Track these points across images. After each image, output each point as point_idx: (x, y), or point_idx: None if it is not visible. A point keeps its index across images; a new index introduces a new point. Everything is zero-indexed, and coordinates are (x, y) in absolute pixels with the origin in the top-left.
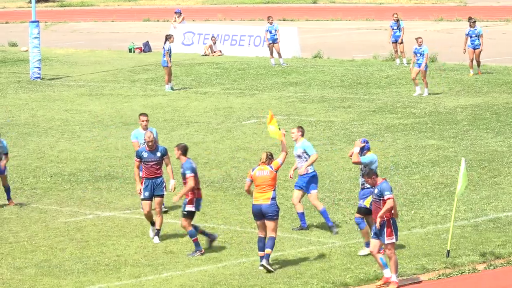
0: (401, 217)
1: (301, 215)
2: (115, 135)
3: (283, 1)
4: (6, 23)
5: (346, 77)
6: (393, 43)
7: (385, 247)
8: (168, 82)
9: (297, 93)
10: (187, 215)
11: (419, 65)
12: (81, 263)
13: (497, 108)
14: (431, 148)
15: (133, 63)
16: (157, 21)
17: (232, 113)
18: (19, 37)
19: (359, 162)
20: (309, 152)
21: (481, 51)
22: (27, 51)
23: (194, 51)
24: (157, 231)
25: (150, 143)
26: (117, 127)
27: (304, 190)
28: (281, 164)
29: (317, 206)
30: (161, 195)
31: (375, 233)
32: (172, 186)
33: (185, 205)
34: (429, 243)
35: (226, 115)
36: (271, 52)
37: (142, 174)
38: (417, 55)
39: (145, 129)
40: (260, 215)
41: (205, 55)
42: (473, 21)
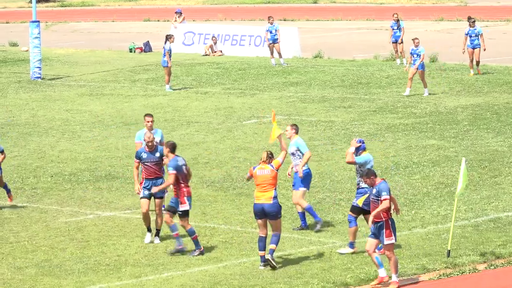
0: (401, 217)
1: (302, 214)
2: (115, 135)
3: (284, 1)
4: (6, 23)
5: (346, 77)
6: (393, 43)
7: (384, 248)
8: (168, 82)
9: (297, 93)
10: (183, 215)
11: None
12: (81, 263)
13: (498, 108)
14: (432, 148)
15: (133, 63)
16: (158, 21)
17: (232, 113)
18: (20, 37)
19: (353, 162)
20: (302, 150)
21: (485, 49)
22: (27, 51)
23: (194, 51)
24: (157, 231)
25: (149, 144)
26: (118, 127)
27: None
28: (282, 162)
29: (301, 204)
30: (160, 197)
31: (373, 233)
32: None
33: (175, 203)
34: (430, 243)
35: (226, 115)
36: (272, 52)
37: (142, 175)
38: (413, 55)
39: (150, 129)
40: (262, 214)
41: (206, 55)
42: (472, 20)
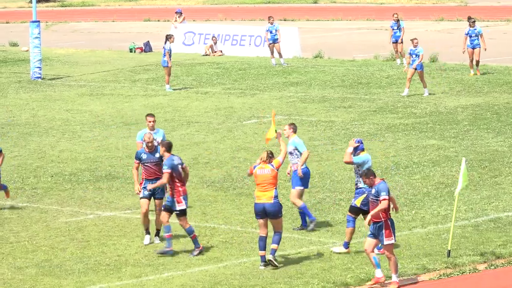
0: (402, 217)
1: (302, 214)
2: (116, 135)
3: (284, 1)
4: (6, 23)
5: (347, 77)
6: (393, 43)
7: (384, 248)
8: (168, 82)
9: (298, 93)
10: (181, 214)
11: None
12: (82, 263)
13: (498, 108)
14: (432, 148)
15: (133, 63)
16: (158, 21)
17: (233, 113)
18: (20, 37)
19: (350, 162)
20: (300, 149)
21: (485, 49)
22: (27, 51)
23: (194, 51)
24: (157, 231)
25: (149, 144)
26: (118, 127)
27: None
28: (282, 162)
29: (296, 203)
30: (160, 197)
31: (372, 233)
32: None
33: (171, 203)
34: (430, 243)
35: (227, 115)
36: (272, 52)
37: (142, 175)
38: (412, 56)
39: (151, 129)
40: (263, 214)
41: (206, 55)
42: (472, 21)
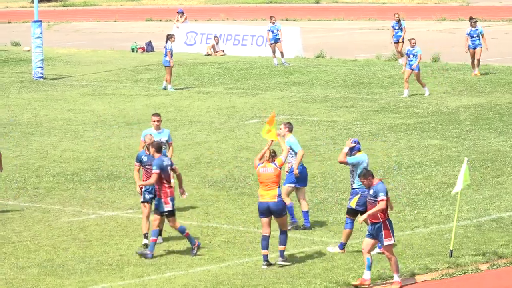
0: (404, 217)
1: (305, 214)
2: (118, 135)
3: (286, 1)
4: (8, 23)
5: (348, 77)
6: (395, 43)
7: (384, 249)
8: (170, 81)
9: (299, 92)
10: (169, 215)
11: (411, 66)
12: (84, 262)
13: (500, 108)
14: (434, 148)
15: (135, 63)
16: (160, 21)
17: (235, 113)
18: (22, 37)
19: (345, 162)
20: (295, 148)
21: (487, 49)
22: (29, 50)
23: (196, 50)
24: (159, 231)
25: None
26: (120, 126)
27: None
28: (285, 160)
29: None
30: None
31: (370, 234)
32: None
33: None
34: (432, 243)
35: (228, 114)
36: (274, 52)
37: (143, 178)
38: (409, 56)
39: (157, 129)
40: (267, 213)
41: (208, 54)
42: (474, 21)
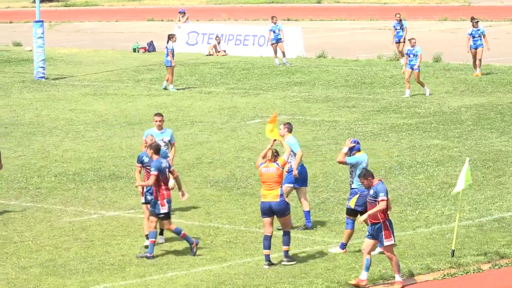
0: (405, 217)
1: (307, 213)
2: (119, 135)
3: (287, 1)
4: (10, 23)
5: (350, 77)
6: (396, 43)
7: (384, 249)
8: (172, 81)
9: (301, 92)
10: (164, 217)
11: (411, 66)
12: (86, 262)
13: (502, 108)
14: (436, 148)
15: (137, 63)
16: (161, 21)
17: (236, 113)
18: (24, 37)
19: (344, 162)
20: (294, 149)
21: (489, 49)
22: (31, 50)
23: (198, 50)
24: (161, 231)
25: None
26: (122, 126)
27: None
28: (287, 160)
29: None
30: None
31: (370, 234)
32: (171, 185)
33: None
34: (434, 243)
35: (230, 114)
36: (275, 51)
37: (144, 179)
38: (410, 56)
39: (159, 129)
40: (269, 212)
41: (210, 54)
42: (475, 21)
